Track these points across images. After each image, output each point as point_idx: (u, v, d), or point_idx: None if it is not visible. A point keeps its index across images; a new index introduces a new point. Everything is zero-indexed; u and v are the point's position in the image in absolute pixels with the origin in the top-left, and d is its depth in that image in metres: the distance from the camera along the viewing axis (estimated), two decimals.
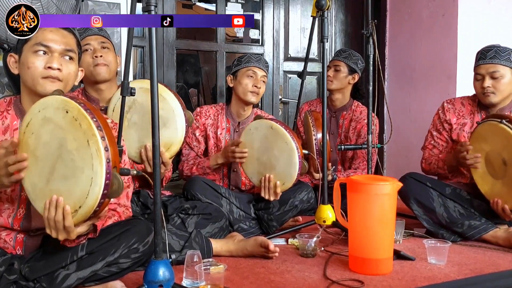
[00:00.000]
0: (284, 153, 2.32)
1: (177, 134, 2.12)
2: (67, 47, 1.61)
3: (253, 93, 2.58)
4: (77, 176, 1.37)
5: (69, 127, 1.37)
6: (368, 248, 1.90)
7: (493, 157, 2.24)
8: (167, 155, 2.12)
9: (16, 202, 1.61)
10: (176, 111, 2.10)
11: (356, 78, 3.08)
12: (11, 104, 1.66)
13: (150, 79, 1.52)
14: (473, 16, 3.42)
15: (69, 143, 1.38)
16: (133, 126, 2.14)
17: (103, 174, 1.34)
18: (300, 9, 4.00)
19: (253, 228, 2.45)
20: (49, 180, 1.41)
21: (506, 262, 2.05)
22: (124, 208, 1.75)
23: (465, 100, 2.58)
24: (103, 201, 1.37)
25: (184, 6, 4.64)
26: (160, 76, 3.45)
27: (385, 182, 1.92)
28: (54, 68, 1.57)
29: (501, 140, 2.18)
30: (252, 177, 2.47)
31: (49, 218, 1.39)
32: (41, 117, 1.42)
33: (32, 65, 1.57)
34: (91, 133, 1.34)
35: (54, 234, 1.42)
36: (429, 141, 2.63)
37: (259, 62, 2.62)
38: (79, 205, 1.37)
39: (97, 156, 1.33)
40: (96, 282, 1.60)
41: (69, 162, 1.38)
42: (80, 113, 1.36)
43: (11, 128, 1.62)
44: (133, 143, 2.13)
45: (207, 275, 1.69)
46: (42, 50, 1.58)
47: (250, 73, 2.58)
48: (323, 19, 2.34)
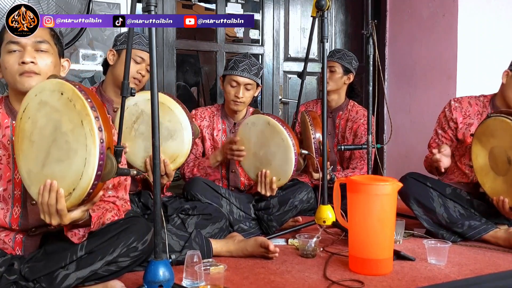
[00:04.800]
0: (280, 149, 2.32)
1: (183, 146, 2.13)
2: (38, 39, 1.59)
3: (235, 102, 2.54)
4: (71, 157, 1.36)
5: (64, 109, 1.37)
6: (368, 249, 1.90)
7: (498, 152, 2.20)
8: (172, 166, 2.13)
9: (9, 201, 1.62)
10: (183, 124, 2.12)
11: (351, 78, 3.08)
12: (1, 103, 1.67)
13: (150, 79, 1.52)
14: (473, 16, 3.42)
15: (64, 124, 1.37)
16: (140, 136, 2.16)
17: (97, 154, 1.33)
18: (300, 9, 4.00)
19: (253, 228, 2.45)
20: (44, 164, 1.41)
21: (506, 263, 2.05)
22: (123, 201, 1.76)
23: (472, 100, 2.55)
24: (96, 182, 1.36)
25: (184, 6, 4.64)
26: (160, 76, 3.45)
27: (385, 182, 1.92)
28: (27, 62, 1.56)
29: (510, 138, 2.15)
30: (249, 171, 2.48)
31: (43, 202, 1.39)
32: (37, 101, 1.42)
33: (8, 64, 1.57)
34: (85, 113, 1.34)
35: (47, 219, 1.42)
36: (434, 139, 2.62)
37: (244, 70, 2.51)
38: (73, 187, 1.36)
39: (90, 136, 1.33)
40: (95, 281, 1.60)
41: (63, 144, 1.37)
42: (74, 94, 1.36)
43: (2, 126, 1.63)
44: (139, 153, 2.16)
45: (207, 275, 1.69)
46: (15, 48, 1.57)
47: (233, 83, 2.53)
48: (323, 19, 2.34)
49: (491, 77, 2.56)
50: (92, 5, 2.76)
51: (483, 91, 2.61)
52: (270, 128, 2.34)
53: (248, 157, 2.45)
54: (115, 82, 2.31)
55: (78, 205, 1.42)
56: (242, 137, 2.46)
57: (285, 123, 2.37)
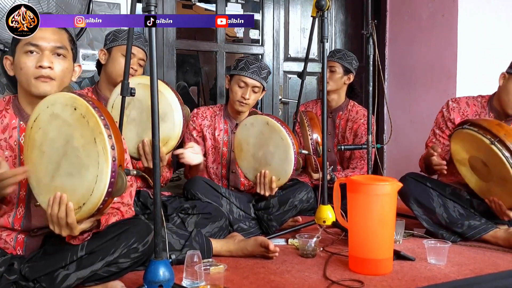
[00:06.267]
0: (279, 149, 2.32)
1: (174, 129, 2.11)
2: (58, 44, 1.59)
3: (241, 103, 2.54)
4: (82, 173, 1.37)
5: (76, 124, 1.38)
6: (368, 248, 1.90)
7: (475, 162, 2.26)
8: (164, 150, 2.11)
9: (14, 202, 1.61)
10: (173, 105, 2.10)
11: (351, 78, 3.08)
12: (10, 103, 1.66)
13: (150, 79, 1.52)
14: (473, 16, 3.42)
15: (75, 140, 1.38)
16: (131, 122, 2.15)
17: (109, 172, 1.34)
18: (300, 9, 4.00)
19: (253, 228, 2.45)
20: (54, 176, 1.42)
21: (506, 262, 2.05)
22: (128, 207, 1.75)
23: (470, 101, 2.56)
24: (107, 199, 1.37)
25: (184, 6, 4.64)
26: (160, 76, 3.45)
27: (385, 182, 1.92)
28: (44, 67, 1.55)
29: (471, 144, 2.21)
30: (248, 173, 2.47)
31: (52, 214, 1.40)
32: (49, 113, 1.43)
33: (24, 66, 1.56)
34: (98, 131, 1.34)
35: (57, 230, 1.43)
36: (430, 139, 2.63)
37: (254, 72, 2.50)
38: (83, 202, 1.38)
39: (103, 154, 1.34)
40: (96, 282, 1.60)
41: (74, 159, 1.38)
42: (88, 111, 1.36)
43: (10, 127, 1.63)
44: (132, 139, 2.14)
45: (207, 275, 1.69)
46: (33, 50, 1.57)
47: (241, 84, 2.51)
48: (323, 19, 2.34)
49: (491, 77, 2.55)
50: (92, 5, 2.76)
51: (483, 91, 2.61)
52: (269, 128, 2.34)
53: (246, 159, 2.45)
54: (109, 80, 2.33)
55: (88, 217, 1.43)
56: (241, 139, 2.45)
57: (283, 123, 2.37)
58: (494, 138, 2.09)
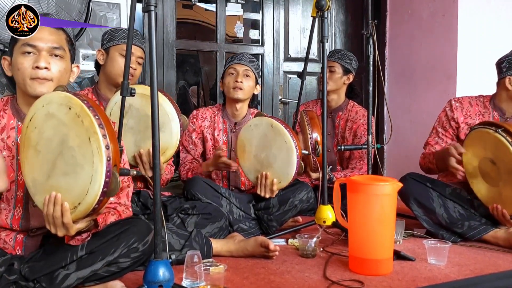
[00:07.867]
0: (282, 151, 2.32)
1: (172, 138, 2.12)
2: (55, 45, 1.59)
3: (236, 88, 2.57)
4: (77, 172, 1.37)
5: (71, 124, 1.38)
6: (368, 249, 1.90)
7: (484, 165, 2.25)
8: (162, 159, 2.12)
9: (12, 202, 1.62)
10: (171, 115, 2.10)
11: (351, 78, 3.08)
12: (8, 103, 1.66)
13: (150, 79, 1.52)
14: (473, 16, 3.42)
15: (71, 139, 1.38)
16: (129, 130, 2.15)
17: (103, 172, 1.34)
18: (300, 9, 4.00)
19: (253, 228, 2.45)
20: (50, 175, 1.42)
21: (506, 263, 2.05)
22: (124, 207, 1.75)
23: (473, 100, 2.56)
24: (102, 198, 1.37)
25: (184, 6, 4.64)
26: (160, 76, 3.44)
27: (385, 183, 1.92)
28: (41, 68, 1.55)
29: (479, 143, 2.22)
30: (249, 174, 2.48)
31: (48, 214, 1.40)
32: (44, 112, 1.42)
33: (21, 66, 1.56)
34: (93, 130, 1.34)
35: (53, 230, 1.43)
36: (433, 137, 2.62)
37: (241, 59, 2.60)
38: (79, 201, 1.37)
39: (97, 154, 1.34)
40: (96, 282, 1.60)
41: (70, 159, 1.38)
42: (82, 110, 1.36)
43: (8, 127, 1.63)
44: (130, 147, 2.14)
45: (207, 275, 1.69)
46: (30, 50, 1.56)
47: (231, 71, 2.60)
48: (323, 19, 2.34)
49: (491, 77, 2.55)
50: (92, 5, 2.76)
51: (483, 91, 2.61)
52: (273, 130, 2.34)
53: (248, 159, 2.45)
54: (108, 80, 2.33)
55: (84, 217, 1.43)
56: (244, 140, 2.45)
57: (288, 126, 2.37)
58: (498, 127, 2.13)
